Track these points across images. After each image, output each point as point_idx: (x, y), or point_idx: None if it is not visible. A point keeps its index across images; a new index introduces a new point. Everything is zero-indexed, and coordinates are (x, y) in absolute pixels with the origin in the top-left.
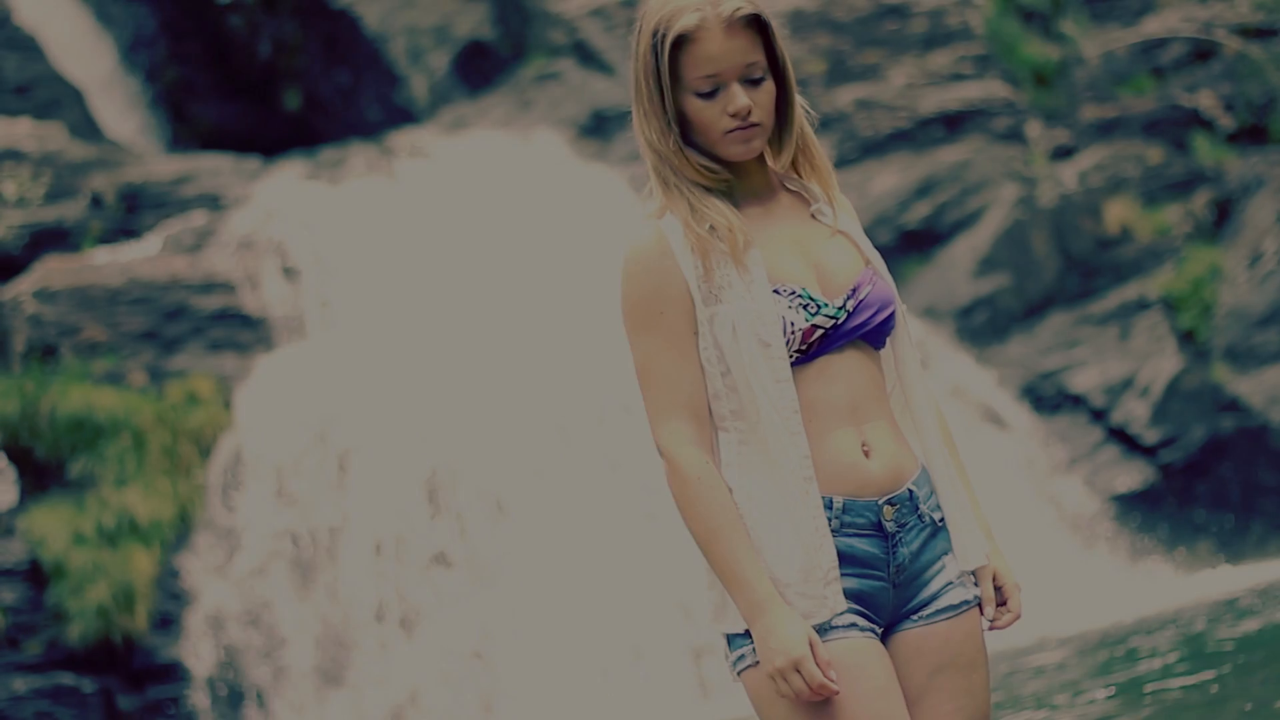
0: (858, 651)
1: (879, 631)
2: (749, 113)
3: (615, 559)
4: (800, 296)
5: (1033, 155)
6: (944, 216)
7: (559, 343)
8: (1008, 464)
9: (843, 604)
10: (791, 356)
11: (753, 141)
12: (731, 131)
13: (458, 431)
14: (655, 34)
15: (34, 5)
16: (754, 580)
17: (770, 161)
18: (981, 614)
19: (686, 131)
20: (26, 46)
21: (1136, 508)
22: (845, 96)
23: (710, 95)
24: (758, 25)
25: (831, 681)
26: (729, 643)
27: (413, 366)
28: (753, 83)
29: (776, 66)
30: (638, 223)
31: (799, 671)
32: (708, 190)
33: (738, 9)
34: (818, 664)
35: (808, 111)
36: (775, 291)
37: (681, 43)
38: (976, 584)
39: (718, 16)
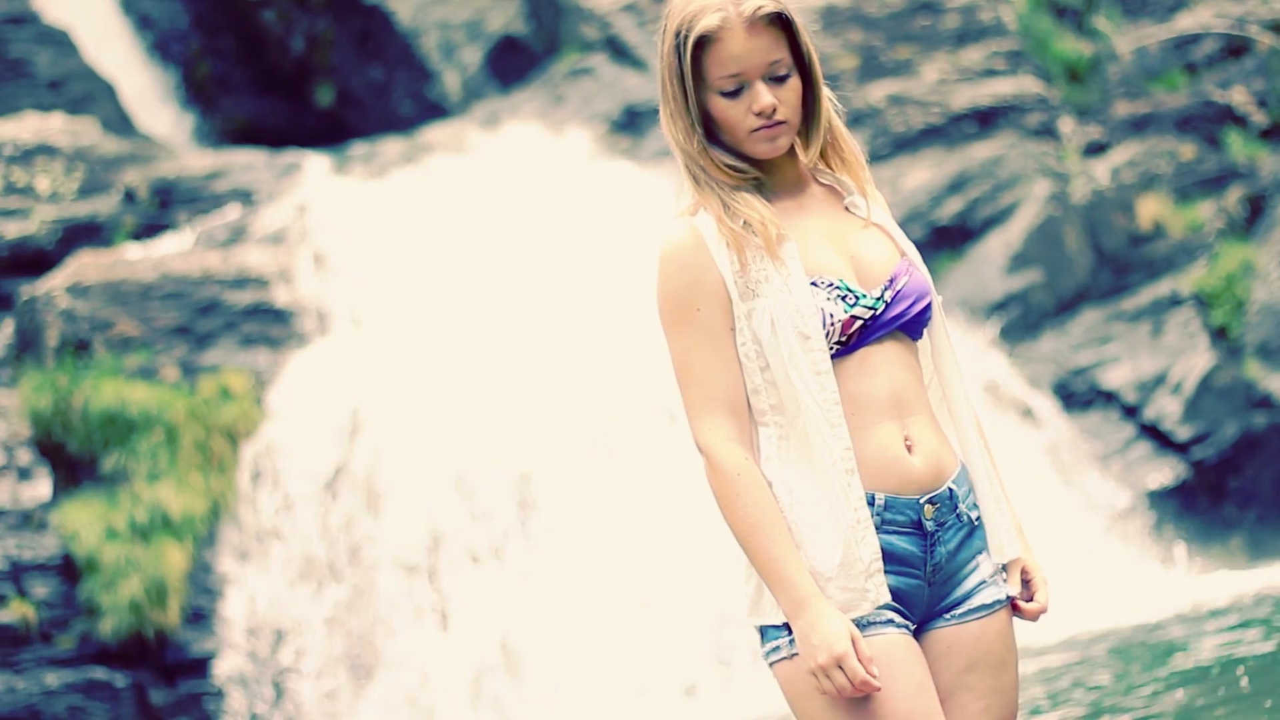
0: (895, 648)
1: (912, 629)
2: (774, 110)
3: (647, 556)
4: (838, 288)
5: (1065, 151)
6: (976, 212)
7: (592, 339)
8: (1039, 460)
9: (885, 596)
10: (831, 349)
11: (779, 139)
12: (757, 130)
13: (490, 427)
14: (678, 34)
15: (66, 0)
16: (795, 576)
17: (800, 156)
18: (1011, 605)
19: (714, 130)
20: (59, 41)
21: (1168, 504)
22: (877, 92)
23: (735, 94)
24: (781, 22)
25: (874, 677)
26: (763, 634)
27: (445, 362)
28: (777, 80)
29: (802, 62)
30: (671, 220)
31: (841, 668)
32: (738, 187)
33: (759, 7)
34: (860, 660)
35: (835, 105)
36: (813, 284)
37: (704, 43)
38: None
39: (739, 15)
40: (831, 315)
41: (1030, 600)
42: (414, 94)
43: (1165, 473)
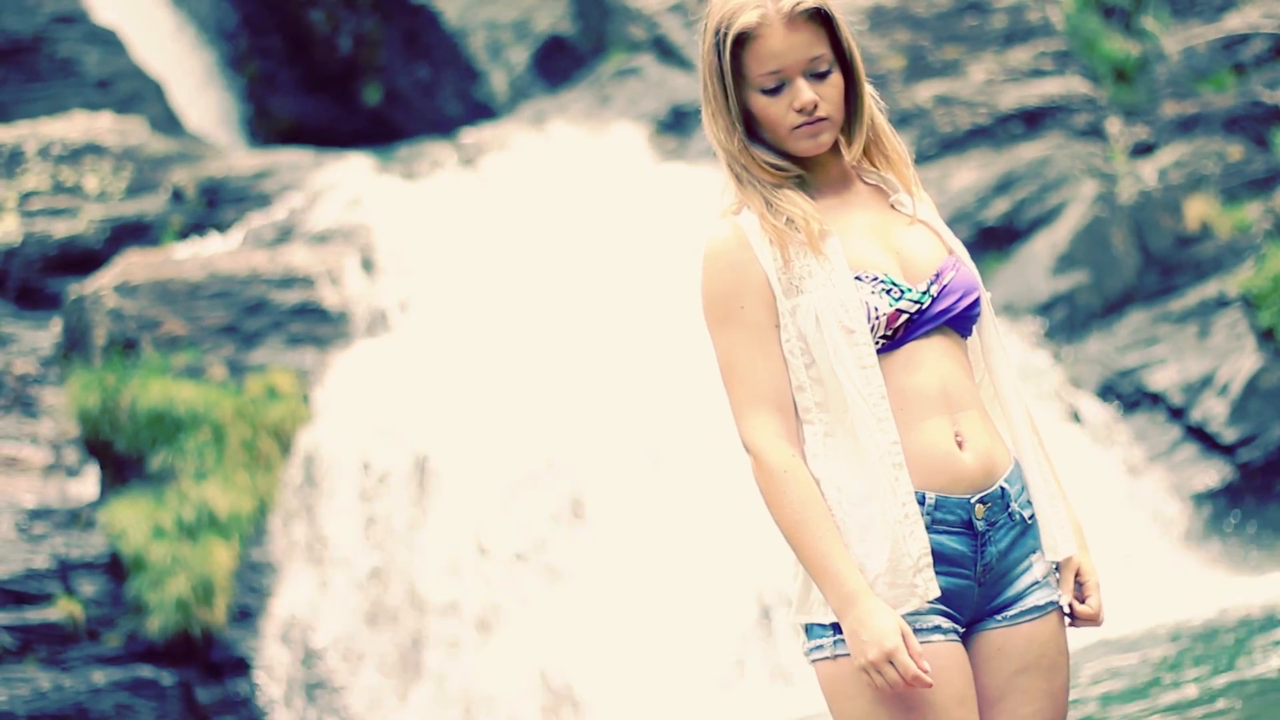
0: (939, 657)
1: (960, 631)
2: (815, 107)
3: (694, 558)
4: (883, 282)
5: (1112, 152)
6: (1023, 213)
7: (639, 339)
8: (1085, 462)
9: (934, 591)
10: (877, 343)
11: (821, 136)
12: (799, 127)
13: (536, 427)
14: (717, 32)
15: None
16: (844, 572)
17: (844, 153)
18: (1063, 610)
19: (756, 128)
20: (107, 41)
21: (1215, 506)
22: (924, 92)
23: (775, 91)
24: (821, 18)
25: (925, 672)
26: (807, 632)
27: (491, 362)
28: (818, 76)
29: (844, 58)
30: (714, 219)
31: (892, 663)
32: (780, 185)
33: (798, 3)
34: (911, 655)
35: (878, 102)
36: (857, 278)
37: (744, 40)
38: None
39: (779, 12)
40: (876, 309)
41: (1083, 602)
42: (461, 94)
43: (1211, 475)
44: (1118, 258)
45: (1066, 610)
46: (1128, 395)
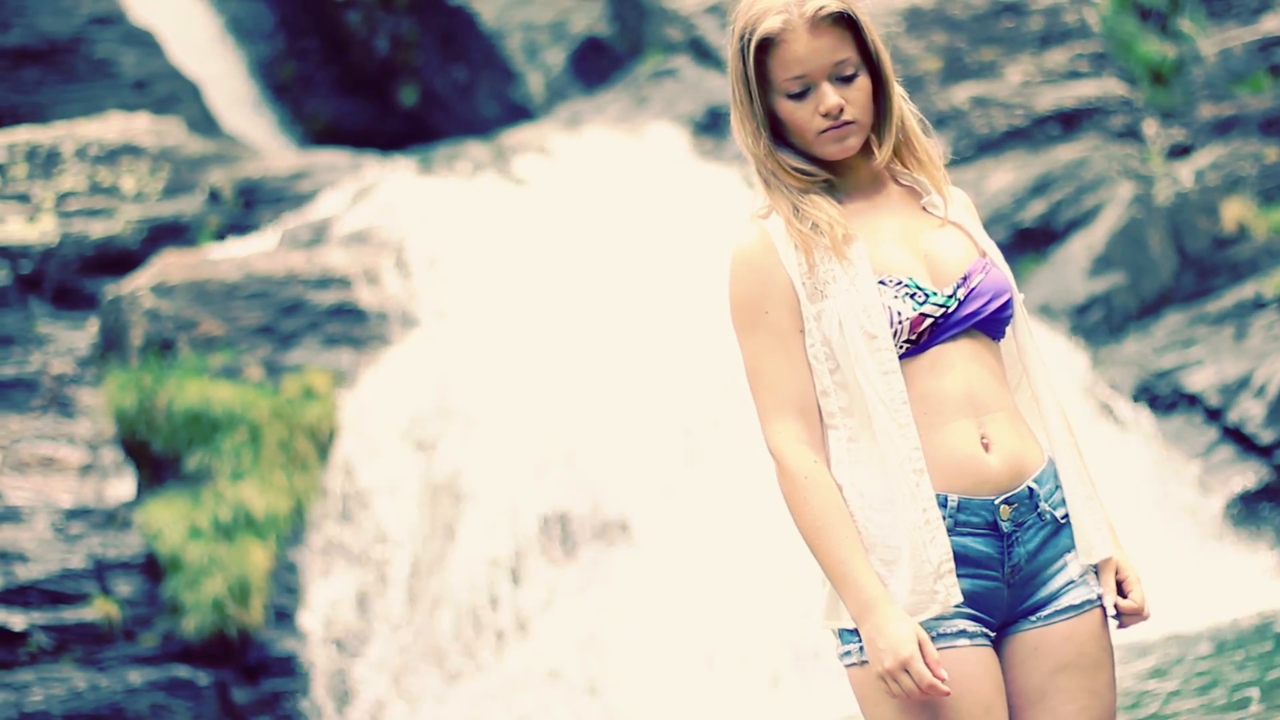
0: (965, 663)
1: (991, 635)
2: (841, 111)
3: (730, 558)
4: (906, 286)
5: (1149, 153)
6: (1060, 214)
7: (675, 341)
8: (1122, 463)
9: (956, 597)
10: (901, 348)
11: (848, 140)
12: (825, 131)
13: (572, 428)
14: (742, 38)
15: (152, 0)
16: (862, 579)
17: (877, 154)
18: (1104, 609)
19: (784, 132)
20: (144, 42)
21: (1252, 507)
22: (961, 94)
23: (801, 96)
24: (846, 21)
25: (942, 681)
26: (839, 637)
27: (528, 363)
28: (844, 80)
29: (871, 61)
30: (743, 222)
31: (908, 671)
32: (807, 189)
33: (821, 7)
34: (928, 663)
35: (909, 103)
36: (881, 282)
37: (768, 45)
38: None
39: (802, 16)
40: (899, 313)
41: (1125, 598)
42: (497, 95)
43: (1249, 476)
44: (1154, 259)
45: (1112, 611)
46: (1164, 396)
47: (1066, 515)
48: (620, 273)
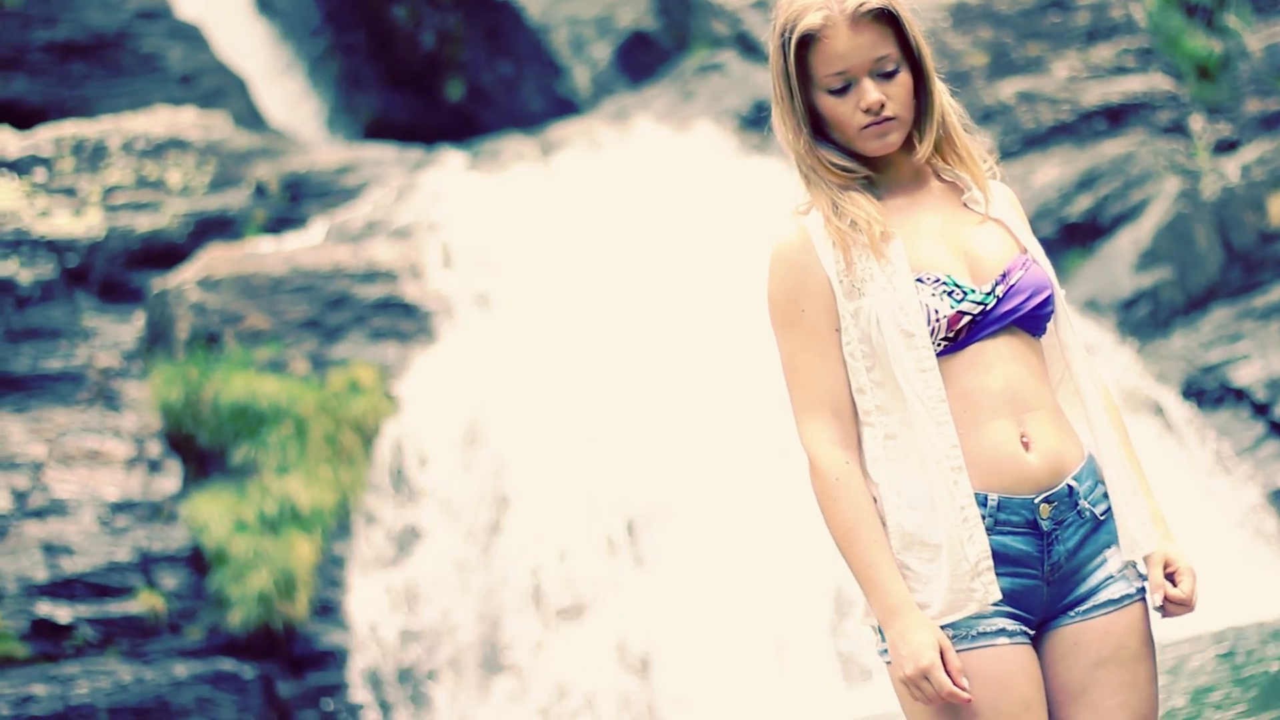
0: (1004, 661)
1: (1031, 633)
2: (882, 107)
3: (772, 555)
4: (944, 284)
5: (1195, 149)
6: (1106, 209)
7: (720, 336)
8: (1169, 458)
9: (996, 594)
10: (938, 345)
11: (889, 135)
12: (866, 127)
13: (617, 421)
14: (783, 34)
15: None
16: (888, 584)
17: (919, 150)
18: (1151, 603)
19: (825, 129)
20: (191, 37)
21: None
22: (1007, 89)
23: (842, 92)
24: (887, 17)
25: (963, 690)
26: (880, 634)
27: (573, 357)
28: (885, 76)
29: (912, 56)
30: (783, 219)
31: (929, 679)
32: (847, 186)
33: (862, 4)
34: (949, 671)
35: (950, 99)
36: (919, 280)
37: (809, 41)
38: (1143, 575)
39: (843, 12)
40: (936, 311)
41: (1175, 588)
42: (544, 89)
43: None
44: (1201, 254)
45: (1158, 603)
46: (1211, 391)
47: (1107, 511)
48: (664, 267)
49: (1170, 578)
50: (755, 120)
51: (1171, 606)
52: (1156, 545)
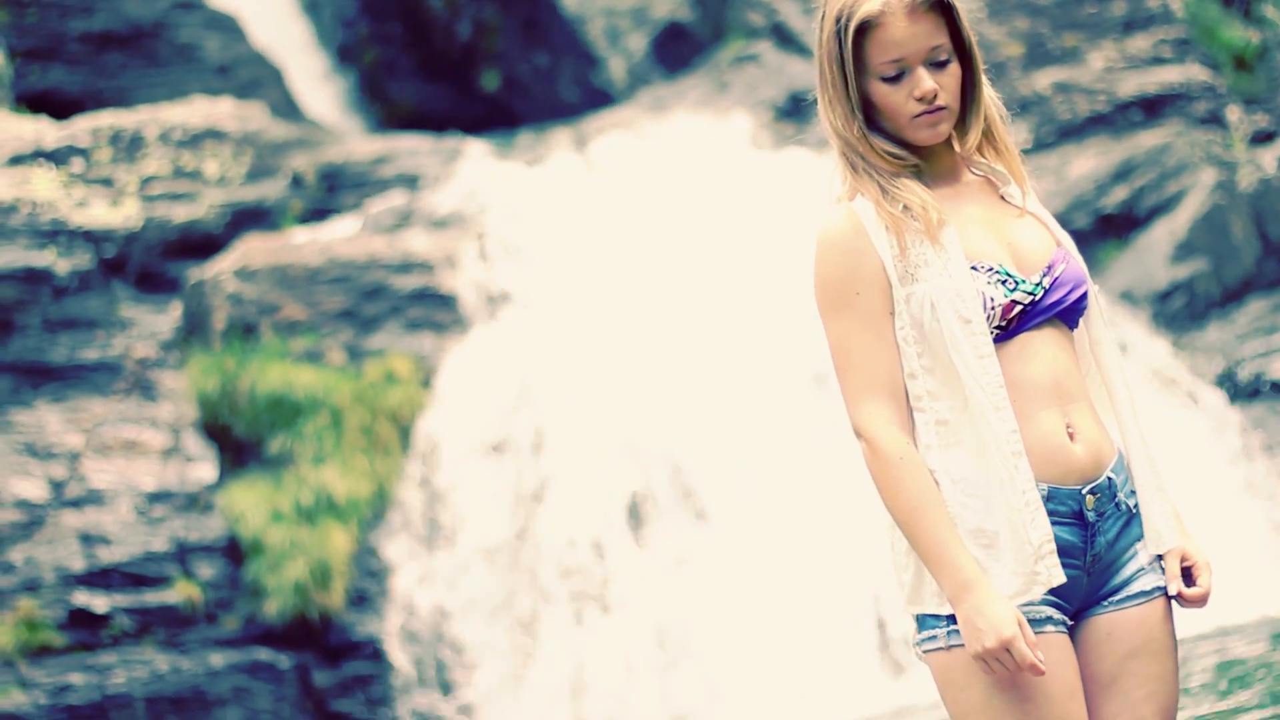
0: (1052, 648)
1: (1069, 624)
2: (935, 96)
3: (810, 545)
4: (998, 273)
5: (1232, 140)
6: (1142, 201)
7: (756, 326)
8: (1204, 450)
9: (1060, 577)
10: (990, 333)
11: (940, 125)
12: (919, 116)
13: (653, 411)
14: (839, 21)
15: None
16: (960, 560)
17: (956, 145)
18: (1169, 596)
19: (873, 117)
20: (227, 27)
21: None
22: (1043, 80)
23: (896, 80)
24: (941, 8)
25: (1041, 661)
26: (920, 623)
27: (609, 347)
28: (938, 65)
29: (962, 48)
30: (827, 206)
31: (1009, 651)
32: (897, 173)
33: None
34: (1027, 644)
35: (991, 92)
36: (973, 268)
37: (865, 29)
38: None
39: (900, 1)
40: (992, 299)
41: (1192, 585)
42: (579, 80)
43: None
44: (1237, 246)
45: (1173, 593)
46: (1246, 384)
47: (1136, 505)
48: (700, 257)
49: (1188, 571)
50: (791, 111)
51: (1189, 602)
52: (1177, 543)
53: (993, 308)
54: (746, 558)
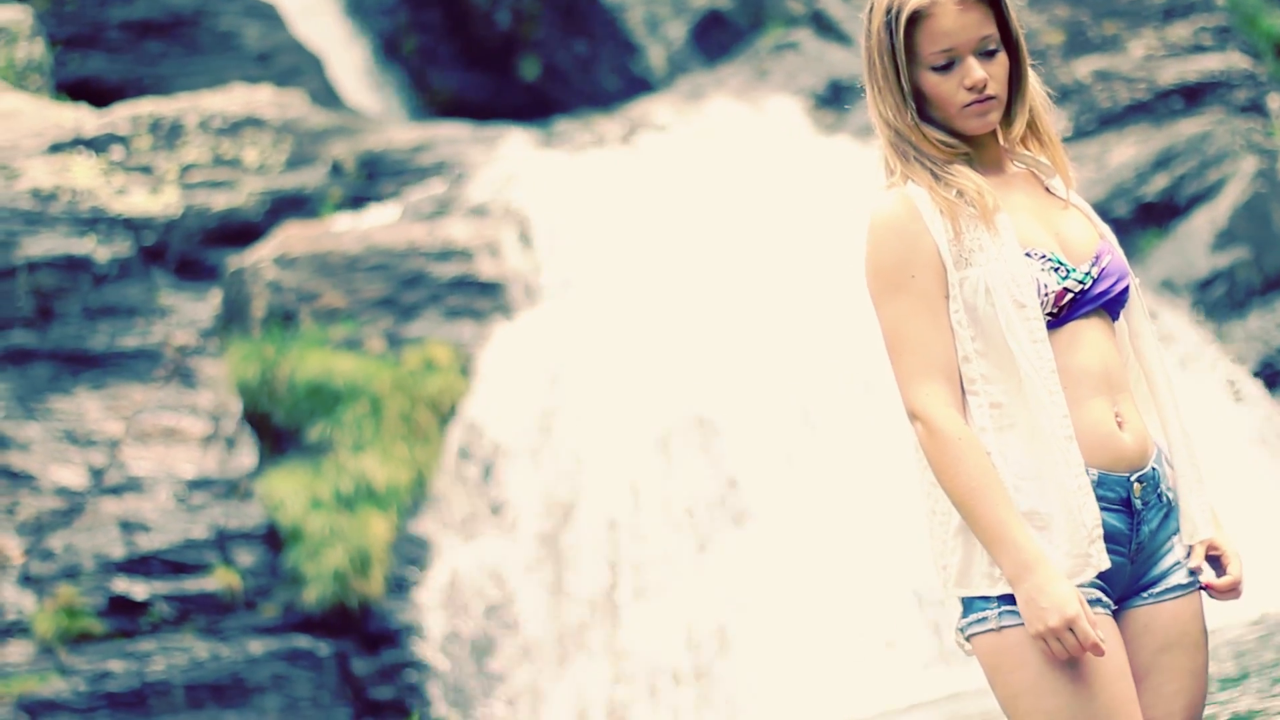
0: (1103, 629)
1: (1114, 607)
2: (985, 85)
3: (850, 533)
4: (1050, 260)
5: (1273, 128)
6: (1183, 189)
7: (796, 314)
8: (1244, 439)
9: (1106, 562)
10: (1044, 319)
11: (989, 114)
12: (969, 105)
13: (694, 401)
14: (889, 11)
15: None
16: (1021, 539)
17: (1001, 135)
18: (1201, 587)
19: (922, 106)
20: (267, 15)
21: None
22: (1084, 68)
23: (946, 69)
24: None
25: (1103, 640)
26: (967, 607)
27: (648, 335)
28: (987, 55)
29: (1009, 39)
30: (879, 192)
31: (1072, 630)
32: (949, 161)
33: None
34: (1089, 622)
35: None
36: (1026, 254)
37: (916, 19)
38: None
39: None
40: (1045, 286)
41: (1222, 575)
42: (619, 68)
43: None
44: (1278, 234)
45: (1205, 582)
46: None
47: (1175, 499)
48: (740, 246)
49: (1217, 561)
50: (830, 99)
51: (1220, 594)
52: (1212, 535)
53: (1046, 294)
54: (789, 546)
